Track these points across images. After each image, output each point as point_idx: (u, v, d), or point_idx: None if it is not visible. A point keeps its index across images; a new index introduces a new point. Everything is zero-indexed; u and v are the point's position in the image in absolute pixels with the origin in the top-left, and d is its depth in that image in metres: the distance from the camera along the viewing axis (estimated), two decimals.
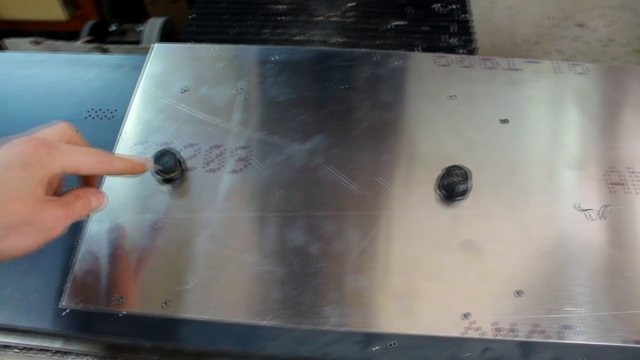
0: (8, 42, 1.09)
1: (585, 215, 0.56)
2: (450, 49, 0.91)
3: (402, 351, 0.48)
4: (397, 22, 0.98)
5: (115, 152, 0.61)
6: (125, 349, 0.52)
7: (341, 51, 0.72)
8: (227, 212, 0.56)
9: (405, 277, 0.52)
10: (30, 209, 0.40)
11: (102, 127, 0.65)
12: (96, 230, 0.55)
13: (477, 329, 0.49)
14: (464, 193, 0.56)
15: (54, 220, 0.42)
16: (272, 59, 0.70)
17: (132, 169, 0.50)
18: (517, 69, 0.68)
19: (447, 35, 0.97)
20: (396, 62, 0.69)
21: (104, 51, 1.04)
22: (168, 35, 1.16)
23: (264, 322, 0.50)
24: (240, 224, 0.55)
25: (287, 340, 0.49)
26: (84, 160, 0.44)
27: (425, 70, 0.68)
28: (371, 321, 0.49)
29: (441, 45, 0.95)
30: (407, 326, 0.49)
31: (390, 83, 0.67)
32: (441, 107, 0.64)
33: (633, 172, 0.59)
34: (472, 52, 0.90)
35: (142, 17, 1.33)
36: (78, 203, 0.45)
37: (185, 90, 0.66)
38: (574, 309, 0.50)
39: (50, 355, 0.52)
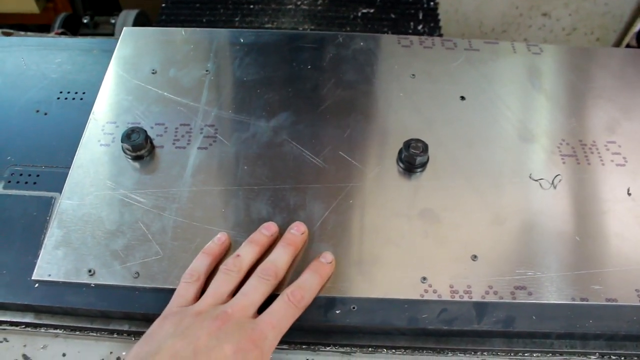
0: None
1: (539, 185, 0.58)
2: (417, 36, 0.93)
3: (362, 314, 0.50)
4: (365, 10, 1.01)
5: (86, 131, 0.62)
6: (96, 319, 0.53)
7: (306, 33, 0.73)
8: (195, 186, 0.57)
9: (365, 244, 0.54)
10: None
11: (72, 108, 0.66)
12: (67, 205, 0.56)
13: (434, 291, 0.51)
14: (423, 165, 0.59)
15: None
16: (240, 41, 0.71)
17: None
18: (475, 49, 0.71)
19: (414, 23, 0.99)
20: (360, 44, 0.71)
21: None
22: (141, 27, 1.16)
23: None
24: (207, 197, 0.57)
25: None
26: (287, 321, 0.47)
27: (387, 51, 0.71)
28: (333, 286, 0.51)
29: (408, 31, 0.98)
30: (367, 290, 0.51)
31: (353, 63, 0.69)
32: (402, 85, 0.67)
33: (584, 145, 0.62)
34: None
35: (115, 10, 1.33)
36: None
37: (154, 72, 0.67)
38: (526, 271, 0.52)
39: (21, 329, 0.53)
